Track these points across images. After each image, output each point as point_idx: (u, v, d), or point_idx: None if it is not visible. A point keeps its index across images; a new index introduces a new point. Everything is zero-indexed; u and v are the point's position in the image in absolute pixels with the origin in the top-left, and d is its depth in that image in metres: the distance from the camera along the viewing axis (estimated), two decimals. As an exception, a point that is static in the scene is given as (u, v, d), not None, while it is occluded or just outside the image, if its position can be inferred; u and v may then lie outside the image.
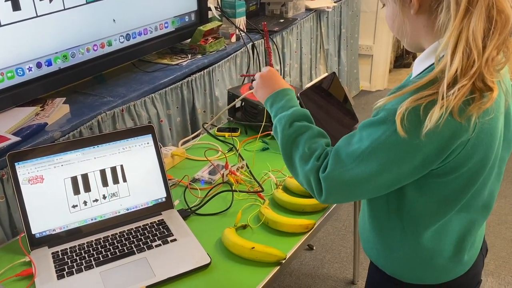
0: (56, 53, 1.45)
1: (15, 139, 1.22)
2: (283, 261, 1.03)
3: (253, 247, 1.03)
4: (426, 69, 0.76)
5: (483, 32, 0.67)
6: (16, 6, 1.30)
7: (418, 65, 0.79)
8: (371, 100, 3.75)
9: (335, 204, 1.22)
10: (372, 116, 0.78)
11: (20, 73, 1.36)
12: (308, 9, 2.82)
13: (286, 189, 1.27)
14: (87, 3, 1.51)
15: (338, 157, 0.78)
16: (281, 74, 2.52)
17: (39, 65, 1.41)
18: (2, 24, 1.27)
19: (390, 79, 4.01)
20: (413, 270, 0.89)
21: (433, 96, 0.68)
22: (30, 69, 1.38)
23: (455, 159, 0.73)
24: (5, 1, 1.27)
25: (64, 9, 1.44)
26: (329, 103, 1.64)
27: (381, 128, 0.73)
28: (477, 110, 0.69)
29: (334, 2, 3.01)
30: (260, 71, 1.09)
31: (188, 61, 1.90)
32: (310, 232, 1.13)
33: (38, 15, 1.36)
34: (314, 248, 2.20)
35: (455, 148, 0.72)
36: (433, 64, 0.73)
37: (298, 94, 1.51)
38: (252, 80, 1.72)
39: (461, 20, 0.67)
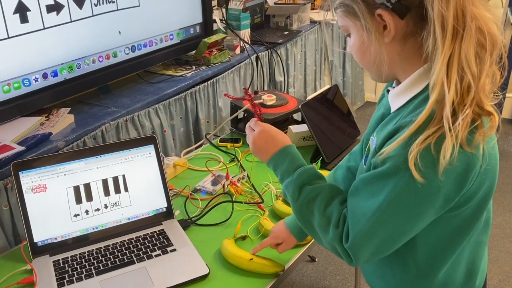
0: (62, 64, 1.48)
1: (19, 148, 1.24)
2: (281, 273, 1.04)
3: (252, 259, 1.03)
4: (411, 100, 0.73)
5: (474, 56, 0.65)
6: (24, 19, 1.33)
7: (398, 98, 0.76)
8: (376, 112, 3.75)
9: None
10: (374, 166, 0.74)
11: (26, 83, 1.39)
12: (313, 21, 2.84)
13: (286, 201, 1.28)
14: (93, 15, 1.54)
15: (354, 222, 0.75)
16: (285, 85, 2.53)
17: (45, 76, 1.44)
18: (10, 36, 1.30)
19: (395, 91, 4.01)
20: None
21: (440, 132, 0.65)
22: (36, 79, 1.41)
23: (469, 190, 0.71)
24: (13, 14, 1.30)
25: (71, 21, 1.47)
26: (332, 114, 1.65)
27: (393, 180, 0.69)
28: (483, 138, 0.67)
29: (339, 15, 3.03)
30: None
31: (193, 72, 1.92)
32: (309, 245, 1.13)
33: (45, 27, 1.39)
34: (316, 260, 2.20)
35: (471, 179, 0.69)
36: (418, 94, 0.71)
37: (300, 106, 1.53)
38: (255, 92, 1.74)
39: (450, 45, 0.64)
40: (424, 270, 0.82)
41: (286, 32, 2.58)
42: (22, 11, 1.32)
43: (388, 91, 0.81)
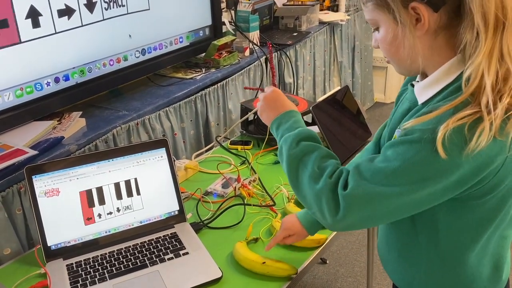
0: (74, 68, 1.49)
1: (32, 152, 1.25)
2: (294, 276, 1.03)
3: (264, 262, 1.03)
4: (441, 91, 0.73)
5: None
6: (36, 24, 1.34)
7: (426, 90, 0.76)
8: (385, 112, 3.73)
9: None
10: (398, 137, 0.74)
11: (38, 88, 1.40)
12: (322, 23, 2.83)
13: (298, 203, 1.27)
14: (104, 19, 1.55)
15: (361, 174, 0.73)
16: (294, 87, 2.53)
17: (57, 80, 1.45)
18: (22, 40, 1.31)
19: (405, 91, 3.98)
20: None
21: (476, 115, 0.66)
22: (48, 84, 1.42)
23: (493, 179, 0.71)
24: (25, 19, 1.31)
25: (82, 26, 1.48)
26: (342, 116, 1.64)
27: (415, 148, 0.69)
28: None
29: (348, 15, 3.02)
30: (264, 89, 1.07)
31: (202, 75, 1.92)
32: (322, 247, 1.12)
33: (56, 31, 1.41)
34: (328, 262, 2.19)
35: (495, 167, 0.69)
36: (448, 86, 0.72)
37: (311, 108, 1.52)
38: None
39: (493, 37, 0.66)
40: (449, 264, 0.81)
41: (295, 34, 2.58)
42: (34, 16, 1.33)
43: (412, 85, 0.81)
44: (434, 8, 0.70)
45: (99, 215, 1.13)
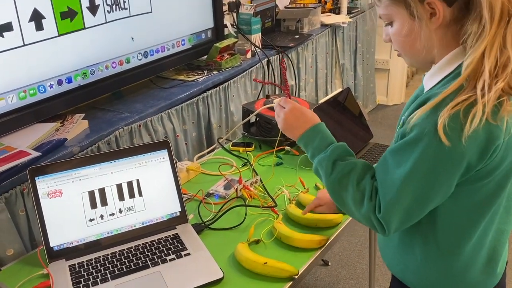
0: (76, 70, 1.50)
1: (35, 154, 1.26)
2: (296, 277, 1.03)
3: (266, 262, 1.03)
4: (442, 80, 0.77)
5: None
6: (39, 26, 1.35)
7: (432, 78, 0.80)
8: (388, 114, 3.74)
9: (349, 219, 1.22)
10: (401, 135, 0.78)
11: (42, 90, 1.41)
12: (324, 25, 2.84)
13: (300, 204, 1.28)
14: (106, 22, 1.56)
15: (384, 192, 0.78)
16: (296, 89, 2.53)
17: (60, 82, 1.46)
18: (25, 43, 1.33)
19: (407, 93, 3.99)
20: (444, 285, 0.88)
21: (470, 100, 0.70)
22: (51, 86, 1.43)
23: (491, 162, 0.75)
24: (29, 22, 1.32)
25: (85, 28, 1.49)
26: (344, 118, 1.65)
27: (419, 146, 0.73)
28: (508, 113, 0.71)
29: (350, 18, 3.03)
30: (275, 90, 1.10)
31: (204, 77, 1.93)
32: (323, 248, 1.12)
33: (59, 34, 1.42)
34: (330, 263, 2.18)
35: (493, 151, 0.73)
36: (449, 74, 0.75)
37: (313, 110, 1.52)
38: (267, 96, 1.75)
39: (496, 28, 0.69)
40: (445, 249, 0.84)
41: (296, 36, 2.58)
42: (37, 19, 1.34)
43: (424, 75, 0.85)
44: (448, 3, 0.74)
45: (101, 216, 1.14)
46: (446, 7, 0.74)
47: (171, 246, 1.12)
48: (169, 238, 1.16)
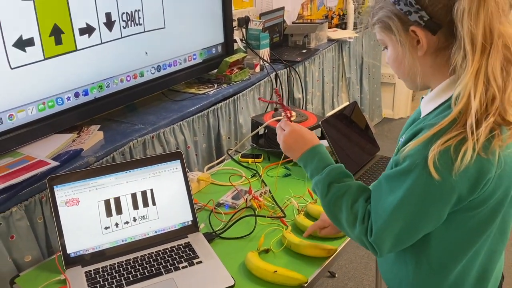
0: (93, 83, 1.56)
1: (54, 163, 1.30)
2: (305, 285, 1.06)
3: (276, 271, 1.06)
4: (438, 107, 0.79)
5: (501, 70, 0.70)
6: (58, 41, 1.41)
7: (428, 104, 0.81)
8: (394, 128, 3.76)
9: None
10: (395, 164, 0.79)
11: (59, 102, 1.46)
12: (330, 40, 2.90)
13: (308, 215, 1.31)
14: (122, 37, 1.62)
15: (376, 217, 0.81)
16: (303, 102, 2.58)
17: (76, 95, 1.51)
18: (46, 57, 1.38)
19: (413, 107, 4.02)
20: None
21: (461, 136, 0.70)
22: (68, 98, 1.49)
23: (484, 193, 0.75)
24: (49, 36, 1.38)
25: (101, 43, 1.55)
26: (351, 131, 1.68)
27: (411, 177, 0.75)
28: (500, 146, 0.71)
29: (356, 33, 3.08)
30: (279, 105, 1.13)
31: (214, 90, 1.98)
32: (332, 257, 1.15)
33: (77, 49, 1.47)
34: (337, 275, 2.20)
35: (484, 184, 0.73)
36: (445, 102, 0.76)
37: (320, 122, 1.56)
38: (275, 109, 1.79)
39: (479, 59, 0.69)
40: (436, 269, 0.85)
41: (304, 51, 2.64)
42: (57, 33, 1.40)
43: (422, 98, 0.87)
44: (432, 31, 0.75)
45: (116, 224, 1.18)
46: (430, 36, 0.75)
47: (183, 254, 1.16)
48: (181, 246, 1.19)
